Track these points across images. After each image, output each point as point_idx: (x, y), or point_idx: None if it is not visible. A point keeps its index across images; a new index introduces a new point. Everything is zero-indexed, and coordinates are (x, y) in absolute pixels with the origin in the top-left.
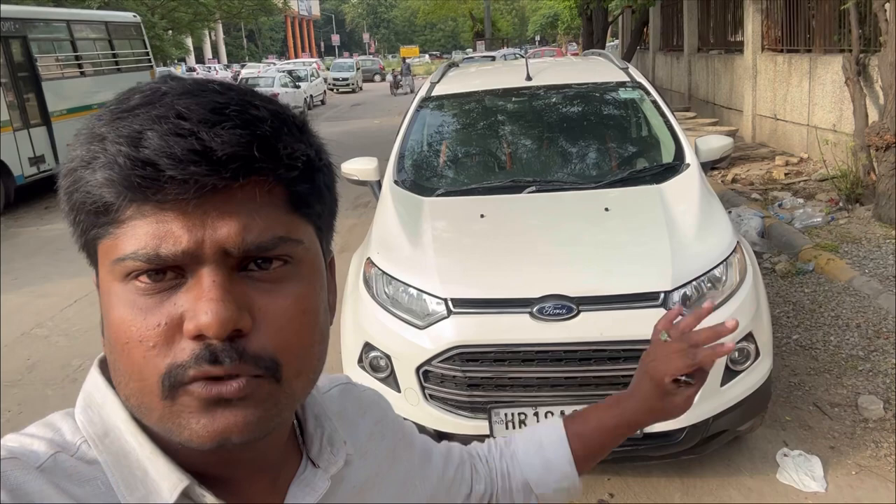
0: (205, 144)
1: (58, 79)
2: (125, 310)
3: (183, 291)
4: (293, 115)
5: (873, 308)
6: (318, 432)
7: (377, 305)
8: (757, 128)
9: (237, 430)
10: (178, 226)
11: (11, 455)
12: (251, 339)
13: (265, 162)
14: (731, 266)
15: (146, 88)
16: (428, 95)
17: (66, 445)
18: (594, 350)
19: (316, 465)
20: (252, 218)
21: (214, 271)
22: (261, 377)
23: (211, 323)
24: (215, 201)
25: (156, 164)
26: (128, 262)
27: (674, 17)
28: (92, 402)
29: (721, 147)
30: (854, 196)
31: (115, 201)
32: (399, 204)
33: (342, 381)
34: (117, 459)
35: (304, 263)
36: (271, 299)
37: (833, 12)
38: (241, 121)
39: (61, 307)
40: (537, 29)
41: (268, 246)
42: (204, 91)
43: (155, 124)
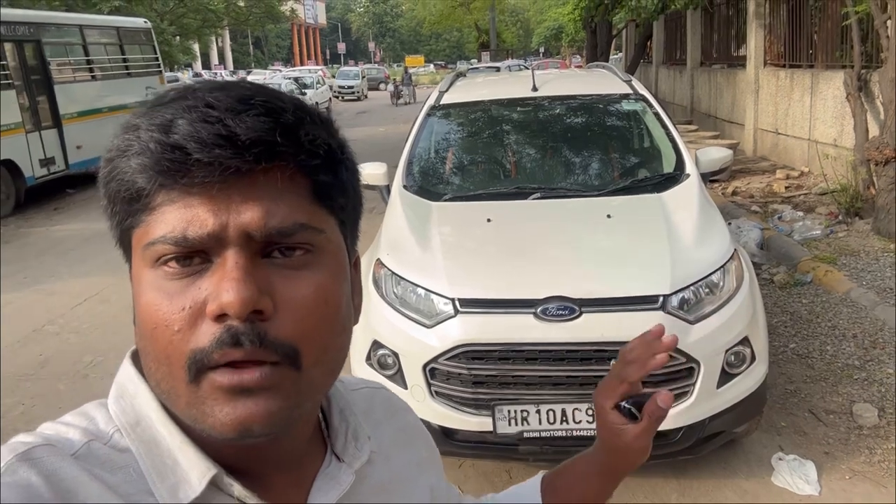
0: (230, 130)
1: (69, 82)
2: (153, 294)
3: (208, 275)
4: (317, 110)
5: (870, 319)
6: (342, 426)
7: (386, 305)
8: (758, 142)
9: (259, 420)
10: (204, 210)
11: (47, 442)
12: (272, 324)
13: (287, 147)
14: (729, 272)
15: (181, 86)
16: (437, 104)
17: (100, 434)
18: (595, 350)
19: (340, 459)
20: (275, 203)
21: (237, 254)
22: (280, 364)
23: (232, 301)
24: (239, 186)
25: (184, 147)
26: (157, 247)
27: (677, 32)
28: (124, 393)
29: (721, 158)
30: (853, 210)
31: (146, 186)
32: (408, 208)
33: (375, 385)
34: (149, 448)
35: (326, 253)
36: (292, 286)
37: (835, 29)
38: (266, 109)
39: (71, 305)
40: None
41: (289, 231)
42: (234, 86)
43: (185, 113)
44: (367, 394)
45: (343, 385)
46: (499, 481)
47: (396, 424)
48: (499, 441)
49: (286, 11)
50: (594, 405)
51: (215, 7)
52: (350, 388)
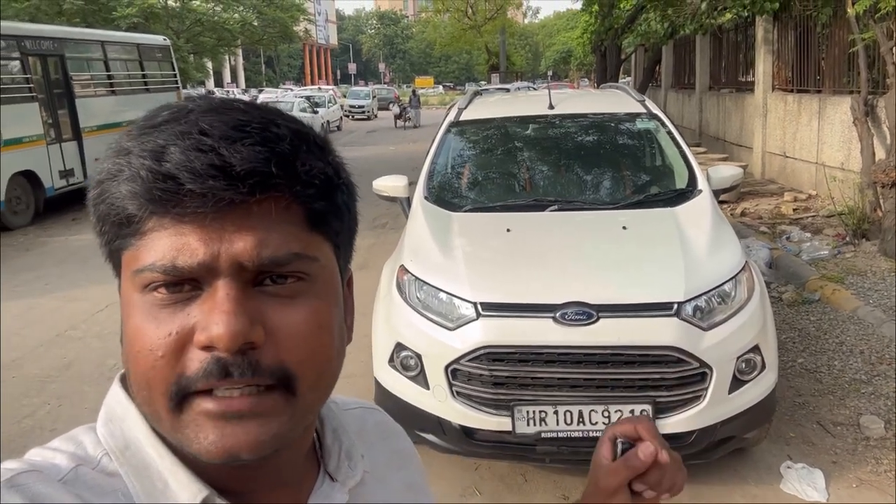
0: (224, 160)
1: (90, 96)
2: (141, 319)
3: (198, 303)
4: (314, 134)
5: (877, 336)
6: (335, 446)
7: (410, 308)
8: (766, 165)
9: (247, 448)
10: (196, 239)
11: (33, 468)
12: (264, 351)
13: (283, 179)
14: (740, 283)
15: (174, 106)
16: (456, 120)
17: (88, 459)
18: (612, 354)
19: (333, 478)
20: (268, 233)
21: (229, 284)
22: (273, 388)
23: (222, 335)
24: (233, 216)
25: (176, 177)
26: (146, 274)
27: (686, 56)
28: (113, 416)
29: (731, 176)
30: (860, 231)
31: (137, 213)
32: (429, 217)
33: (368, 405)
34: (138, 471)
35: (319, 280)
36: (285, 314)
37: (842, 55)
38: (262, 138)
39: (93, 311)
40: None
41: (283, 261)
42: (228, 109)
43: (178, 140)
44: (361, 414)
45: (336, 405)
46: (514, 484)
47: (390, 447)
48: (517, 441)
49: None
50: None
51: (231, 27)
52: (343, 409)
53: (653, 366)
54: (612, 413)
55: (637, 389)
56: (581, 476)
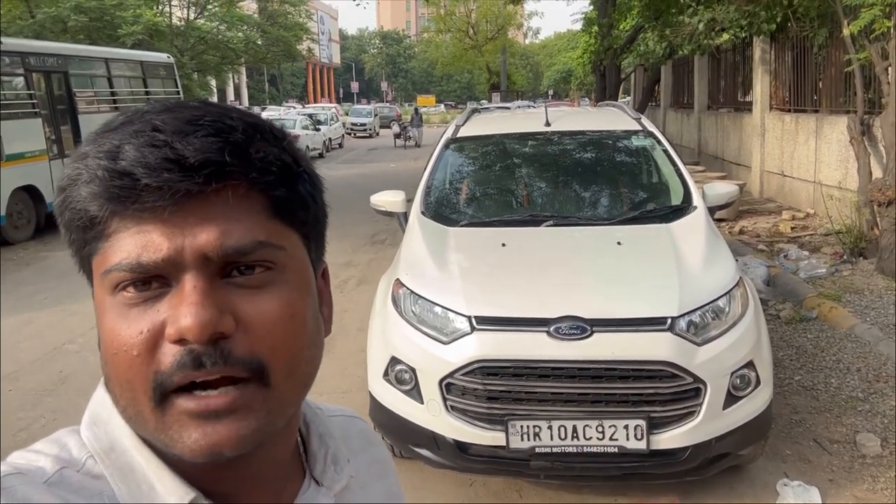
0: (178, 153)
1: (93, 112)
2: (113, 320)
3: (166, 299)
4: (270, 125)
5: (874, 354)
6: (321, 451)
7: (404, 322)
8: (764, 183)
9: (229, 444)
10: (158, 234)
11: (17, 471)
12: (235, 341)
13: (237, 166)
14: (735, 298)
15: (130, 111)
16: (454, 136)
17: (73, 461)
18: (606, 368)
19: (319, 483)
20: (230, 223)
21: (195, 277)
22: (248, 381)
23: (191, 326)
24: (193, 208)
25: (132, 173)
26: (113, 274)
27: (685, 76)
28: (98, 419)
29: (727, 193)
30: (858, 250)
31: (98, 213)
32: (426, 232)
33: (349, 412)
34: (123, 474)
35: (288, 269)
36: (255, 303)
37: (839, 75)
38: (214, 129)
39: (90, 325)
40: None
41: (247, 250)
42: (182, 107)
43: (132, 138)
44: (343, 422)
45: (321, 411)
46: (509, 500)
47: (372, 455)
48: (511, 456)
49: (303, 51)
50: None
51: (235, 45)
52: (327, 415)
53: (647, 381)
54: (605, 428)
55: (631, 404)
56: (576, 492)
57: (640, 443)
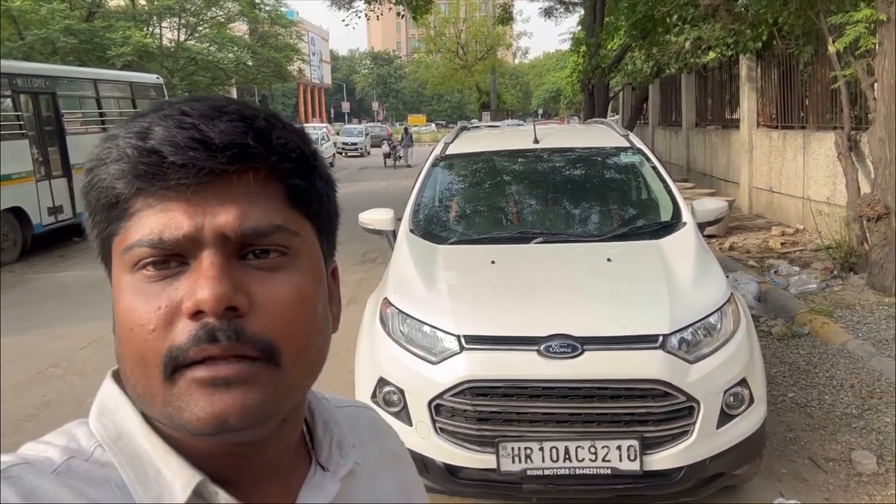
0: (204, 134)
1: (81, 133)
2: (131, 297)
3: (185, 277)
4: (290, 121)
5: (867, 370)
6: (326, 437)
7: (392, 342)
8: (753, 199)
9: (235, 413)
10: (180, 213)
11: (25, 461)
12: (248, 320)
13: (259, 149)
14: (726, 315)
15: (160, 101)
16: (442, 154)
17: (81, 451)
18: (597, 388)
19: (325, 468)
20: (250, 206)
21: (213, 254)
22: (258, 360)
23: (207, 298)
24: (215, 189)
25: (159, 151)
26: (135, 250)
27: (672, 95)
28: (105, 409)
29: (716, 209)
30: (848, 265)
31: (124, 191)
32: (414, 250)
33: (360, 403)
34: (131, 461)
35: (302, 256)
36: (269, 286)
37: (825, 91)
38: (239, 115)
39: (76, 349)
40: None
41: (265, 232)
42: (209, 98)
43: (162, 121)
44: (353, 412)
45: (328, 401)
46: None
47: (382, 445)
48: (503, 479)
49: (294, 71)
50: None
51: (225, 66)
52: (335, 405)
53: (639, 400)
54: (598, 449)
55: (624, 424)
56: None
57: (633, 464)
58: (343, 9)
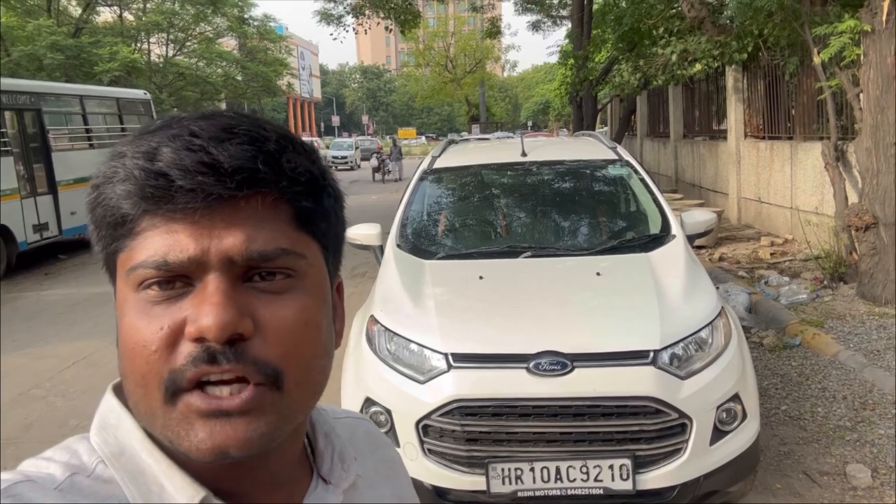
0: (213, 158)
1: (67, 150)
2: (134, 317)
3: (189, 299)
4: (300, 140)
5: (859, 381)
6: (328, 449)
7: (379, 361)
8: (742, 210)
9: (236, 445)
10: (186, 235)
11: (27, 478)
12: (252, 344)
13: (269, 175)
14: (717, 329)
15: (167, 116)
16: (430, 168)
17: (83, 467)
18: (588, 405)
19: (327, 481)
20: (257, 229)
21: (219, 278)
22: (262, 385)
23: (211, 326)
24: (222, 213)
25: (167, 174)
26: (139, 271)
27: (660, 106)
28: (107, 424)
29: (705, 221)
30: (838, 275)
31: (131, 212)
32: (401, 266)
33: (357, 415)
34: (134, 477)
35: (307, 278)
36: (274, 309)
37: (811, 102)
38: (249, 138)
39: (59, 369)
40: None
41: (271, 256)
42: (218, 116)
43: (170, 141)
44: (350, 423)
45: (326, 412)
46: None
47: (379, 457)
48: (493, 501)
49: (283, 86)
50: None
51: (214, 80)
52: (333, 417)
53: (631, 417)
54: (590, 468)
55: (616, 443)
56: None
57: (625, 483)
58: (331, 24)
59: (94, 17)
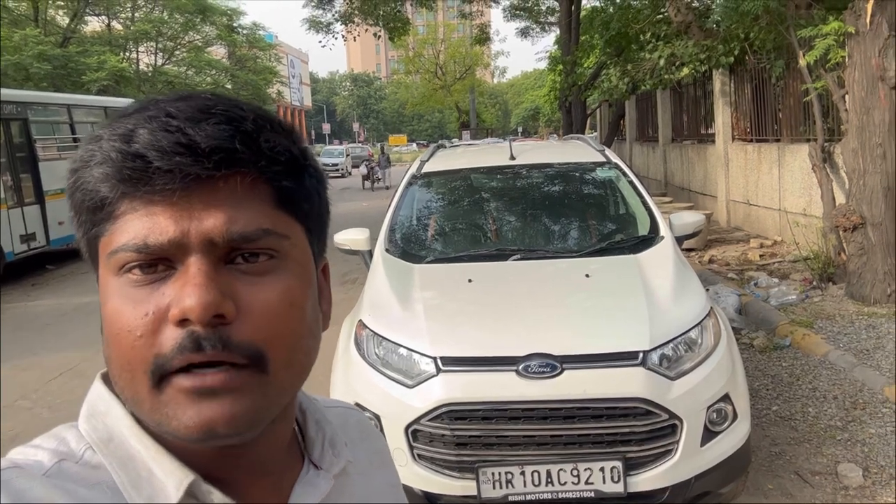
0: (190, 138)
1: (55, 159)
2: (118, 301)
3: (171, 282)
4: (279, 119)
5: (849, 380)
6: (319, 436)
7: (367, 366)
8: (731, 212)
9: (223, 422)
10: (166, 217)
11: (15, 465)
12: (235, 327)
13: (247, 154)
14: (706, 329)
15: (144, 98)
16: (418, 173)
17: (71, 453)
18: (578, 408)
19: (318, 467)
20: (237, 210)
21: (200, 260)
22: (246, 367)
23: (193, 306)
24: (201, 194)
25: (144, 156)
26: (120, 255)
27: (648, 111)
28: (95, 411)
29: (693, 223)
30: (827, 275)
31: (109, 195)
32: (390, 270)
33: (347, 405)
34: (122, 462)
35: (290, 259)
36: (257, 291)
37: (798, 105)
38: (226, 118)
39: (45, 380)
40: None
41: (252, 237)
42: (194, 96)
43: (146, 123)
44: (341, 413)
45: (318, 401)
46: None
47: (370, 446)
48: None
49: (273, 94)
50: None
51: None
52: (325, 406)
53: (621, 419)
54: (581, 472)
55: (606, 445)
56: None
57: (616, 485)
58: (320, 31)
59: (82, 26)
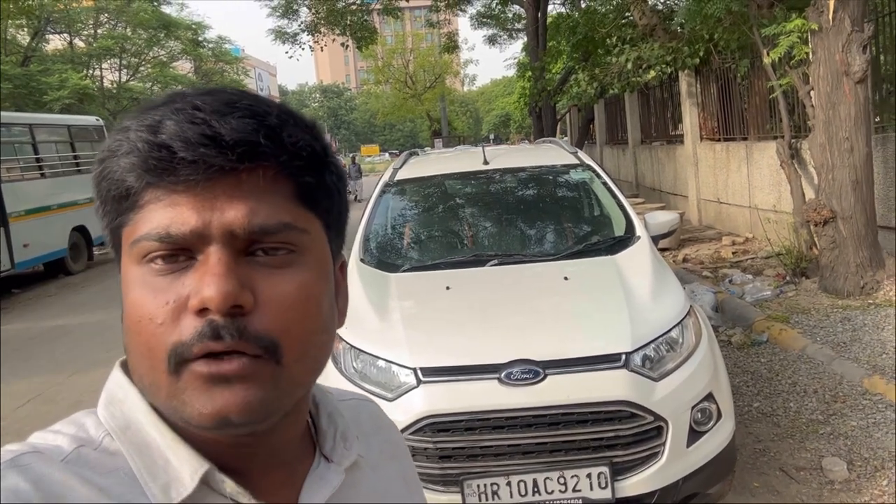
0: (215, 130)
1: (18, 181)
2: (139, 290)
3: (192, 272)
4: (302, 115)
5: (828, 374)
6: (331, 429)
7: (345, 381)
8: (702, 211)
9: (236, 410)
10: (188, 208)
11: (34, 450)
12: (252, 318)
13: (270, 148)
14: (687, 328)
15: (172, 92)
16: (391, 180)
17: (89, 440)
18: (562, 414)
19: (330, 460)
20: (259, 203)
21: (220, 250)
22: (260, 357)
23: (213, 296)
24: (224, 186)
25: (170, 146)
26: (142, 244)
27: (617, 114)
28: (113, 399)
29: (668, 222)
30: (800, 270)
31: (134, 184)
32: (366, 280)
33: (361, 396)
34: (139, 450)
35: (309, 253)
36: (275, 283)
37: (764, 103)
38: (250, 112)
39: (14, 407)
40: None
41: (273, 230)
42: (221, 91)
43: (173, 115)
44: (355, 405)
45: (331, 394)
46: None
47: (383, 438)
48: None
49: None
50: None
51: None
52: (339, 399)
53: (606, 423)
54: (567, 479)
55: (592, 451)
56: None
57: (604, 491)
58: (287, 42)
59: (44, 45)
